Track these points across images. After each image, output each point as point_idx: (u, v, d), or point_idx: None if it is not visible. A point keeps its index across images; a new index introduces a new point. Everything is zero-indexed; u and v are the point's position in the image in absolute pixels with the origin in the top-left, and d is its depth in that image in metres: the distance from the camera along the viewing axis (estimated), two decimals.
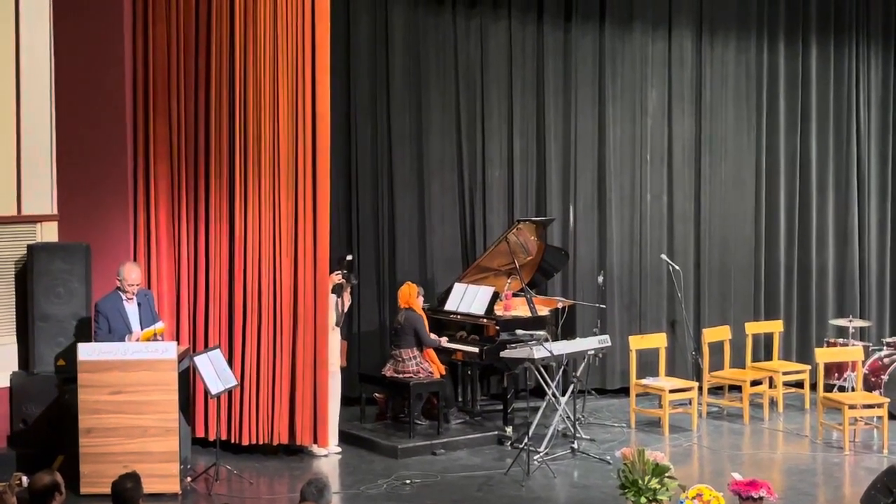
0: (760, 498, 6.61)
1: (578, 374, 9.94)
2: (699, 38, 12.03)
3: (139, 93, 9.28)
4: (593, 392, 11.50)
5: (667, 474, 6.96)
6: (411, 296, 9.95)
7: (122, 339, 8.29)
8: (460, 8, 11.34)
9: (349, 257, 9.85)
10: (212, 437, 8.99)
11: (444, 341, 10.11)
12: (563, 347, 9.48)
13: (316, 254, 9.14)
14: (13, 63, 8.99)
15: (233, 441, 9.21)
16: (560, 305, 10.58)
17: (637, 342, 10.63)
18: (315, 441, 9.24)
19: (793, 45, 12.28)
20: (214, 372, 8.54)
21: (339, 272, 9.47)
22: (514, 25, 11.47)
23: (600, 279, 11.13)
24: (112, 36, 9.19)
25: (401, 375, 9.84)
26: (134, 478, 5.80)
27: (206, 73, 9.21)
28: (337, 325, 9.51)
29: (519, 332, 9.75)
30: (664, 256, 11.68)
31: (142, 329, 8.37)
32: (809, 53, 12.32)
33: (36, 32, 9.09)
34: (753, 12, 12.15)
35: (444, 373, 10.04)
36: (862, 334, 11.77)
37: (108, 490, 5.88)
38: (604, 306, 11.26)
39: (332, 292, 9.40)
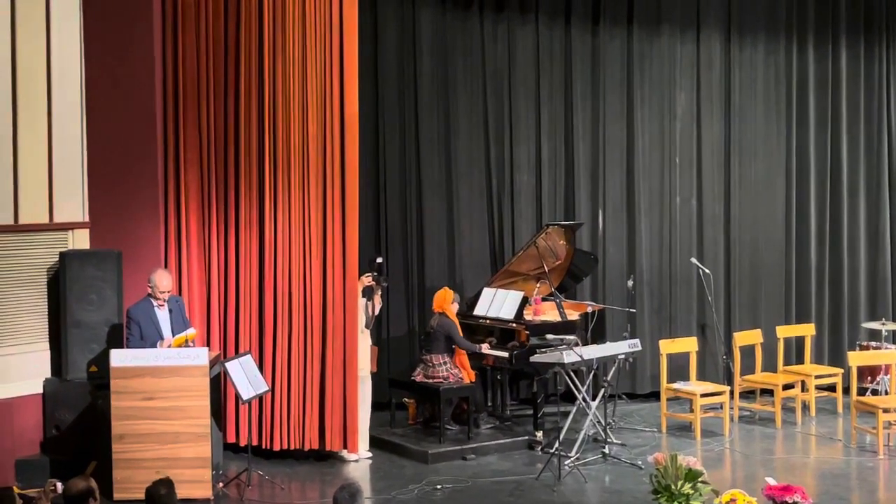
0: (794, 503, 6.55)
1: (609, 378, 9.89)
2: (728, 41, 11.97)
3: (169, 100, 9.33)
4: (624, 396, 11.47)
5: (700, 479, 6.91)
6: (446, 300, 9.93)
7: (153, 346, 8.33)
8: (487, 12, 11.34)
9: (379, 259, 9.85)
10: (243, 443, 9.03)
11: (485, 347, 10.06)
12: (593, 352, 9.44)
13: (345, 258, 9.15)
14: (44, 72, 9.06)
15: (264, 447, 9.24)
16: (590, 310, 10.54)
17: (667, 346, 10.58)
18: (345, 446, 9.24)
19: (822, 46, 12.19)
20: (246, 377, 8.56)
21: (370, 274, 9.48)
22: (542, 29, 11.46)
23: (630, 283, 11.10)
24: (142, 44, 9.24)
25: (431, 380, 9.83)
26: (168, 483, 5.83)
27: (235, 80, 9.25)
28: (367, 327, 9.51)
29: (549, 336, 9.74)
30: (694, 260, 11.63)
31: (173, 335, 8.41)
32: (839, 55, 12.22)
33: (67, 42, 9.16)
34: (782, 14, 12.08)
35: (473, 378, 10.02)
36: (895, 337, 11.66)
37: (140, 496, 5.92)
38: (634, 310, 11.21)
39: (363, 295, 9.41)
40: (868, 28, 12.29)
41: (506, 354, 9.93)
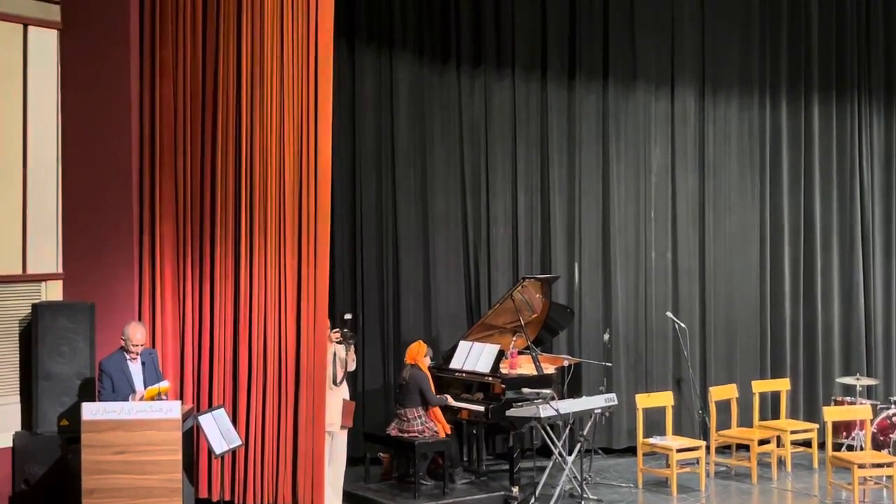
0: None
1: (585, 432, 9.86)
2: (702, 97, 12.09)
3: (145, 151, 9.28)
4: (600, 451, 11.43)
5: None
6: (419, 353, 9.91)
7: (125, 399, 8.24)
8: (465, 66, 11.41)
9: (348, 316, 9.80)
10: (216, 498, 8.90)
11: (449, 399, 10.03)
12: (569, 406, 9.41)
13: (315, 310, 9.08)
14: (20, 121, 9.03)
15: (237, 502, 9.11)
16: (566, 363, 10.52)
17: (644, 401, 10.56)
18: (312, 502, 9.10)
19: (795, 102, 12.32)
20: (219, 431, 8.46)
21: (337, 330, 9.40)
22: (518, 83, 11.54)
23: (606, 337, 11.10)
24: (119, 95, 9.20)
25: (406, 435, 9.76)
26: None
27: (212, 132, 9.22)
28: (335, 384, 9.38)
29: (525, 390, 9.71)
30: (670, 314, 11.64)
31: (146, 388, 8.32)
32: (812, 111, 12.35)
33: (43, 92, 9.14)
34: (755, 70, 12.22)
35: (449, 432, 9.96)
36: (869, 392, 11.70)
37: None
38: (610, 364, 11.21)
39: (345, 349, 9.30)
40: (840, 85, 12.43)
41: (481, 408, 9.88)
